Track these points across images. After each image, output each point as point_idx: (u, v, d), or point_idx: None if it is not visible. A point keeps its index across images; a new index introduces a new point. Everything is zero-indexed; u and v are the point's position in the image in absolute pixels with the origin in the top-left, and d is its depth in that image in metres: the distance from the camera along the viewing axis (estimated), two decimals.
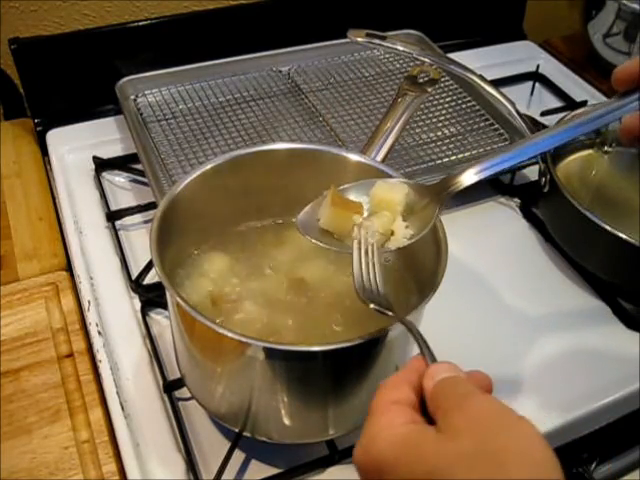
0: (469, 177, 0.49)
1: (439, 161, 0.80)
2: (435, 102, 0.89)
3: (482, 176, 0.48)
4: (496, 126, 0.85)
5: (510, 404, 0.33)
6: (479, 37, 1.10)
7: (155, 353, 0.62)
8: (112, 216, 0.75)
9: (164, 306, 0.66)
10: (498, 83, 0.92)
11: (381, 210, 0.50)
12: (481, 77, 0.80)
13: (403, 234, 0.50)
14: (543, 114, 0.93)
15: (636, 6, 0.98)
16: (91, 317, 0.65)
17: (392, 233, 0.50)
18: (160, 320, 0.66)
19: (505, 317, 0.68)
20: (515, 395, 0.60)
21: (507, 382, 0.62)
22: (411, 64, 0.94)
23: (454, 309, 0.64)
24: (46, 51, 0.86)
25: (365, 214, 0.51)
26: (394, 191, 0.51)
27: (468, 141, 0.83)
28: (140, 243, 0.74)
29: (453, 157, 0.80)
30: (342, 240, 0.50)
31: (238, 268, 0.58)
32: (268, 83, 0.91)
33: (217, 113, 0.85)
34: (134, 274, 0.68)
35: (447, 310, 0.57)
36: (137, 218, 0.76)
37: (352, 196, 0.52)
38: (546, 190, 0.72)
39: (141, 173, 0.79)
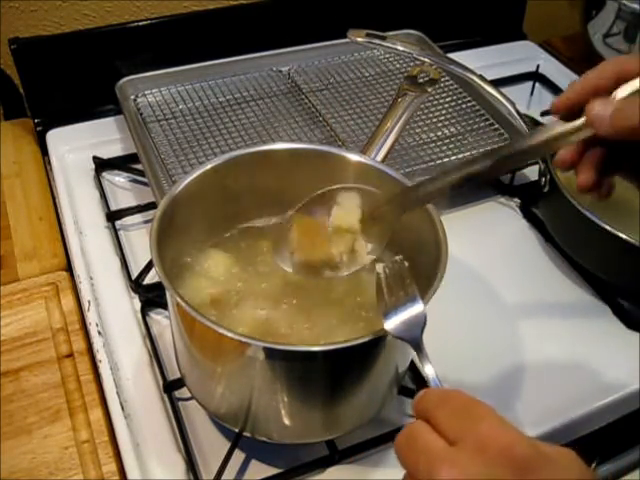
0: (425, 196, 0.48)
1: (439, 161, 0.80)
2: (435, 102, 0.89)
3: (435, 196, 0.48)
4: (496, 126, 0.85)
5: (510, 404, 0.33)
6: (479, 37, 1.10)
7: (155, 353, 0.62)
8: (112, 216, 0.75)
9: (164, 306, 0.66)
10: (498, 83, 0.92)
11: (342, 234, 0.52)
12: (481, 77, 0.80)
13: (366, 251, 0.52)
14: (543, 114, 0.93)
15: (636, 6, 0.98)
16: (91, 317, 0.65)
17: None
18: (160, 320, 0.66)
19: (504, 317, 0.68)
20: (514, 395, 0.60)
21: (506, 382, 0.61)
22: (411, 64, 0.94)
23: (454, 309, 0.64)
24: (46, 51, 0.86)
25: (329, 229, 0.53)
26: (350, 215, 0.53)
27: (468, 141, 0.83)
28: (140, 243, 0.74)
29: (453, 157, 0.80)
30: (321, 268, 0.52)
31: (238, 268, 0.58)
32: (268, 83, 0.91)
33: (217, 113, 0.85)
34: (134, 274, 0.68)
35: (447, 310, 0.57)
36: (137, 218, 0.76)
37: (316, 214, 0.53)
38: (546, 190, 0.72)
39: (141, 173, 0.79)
